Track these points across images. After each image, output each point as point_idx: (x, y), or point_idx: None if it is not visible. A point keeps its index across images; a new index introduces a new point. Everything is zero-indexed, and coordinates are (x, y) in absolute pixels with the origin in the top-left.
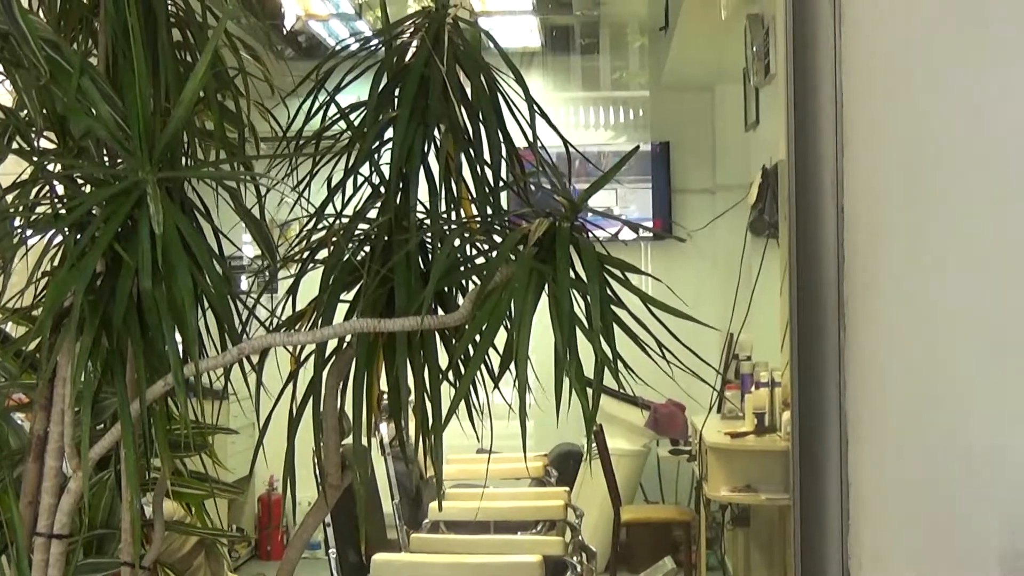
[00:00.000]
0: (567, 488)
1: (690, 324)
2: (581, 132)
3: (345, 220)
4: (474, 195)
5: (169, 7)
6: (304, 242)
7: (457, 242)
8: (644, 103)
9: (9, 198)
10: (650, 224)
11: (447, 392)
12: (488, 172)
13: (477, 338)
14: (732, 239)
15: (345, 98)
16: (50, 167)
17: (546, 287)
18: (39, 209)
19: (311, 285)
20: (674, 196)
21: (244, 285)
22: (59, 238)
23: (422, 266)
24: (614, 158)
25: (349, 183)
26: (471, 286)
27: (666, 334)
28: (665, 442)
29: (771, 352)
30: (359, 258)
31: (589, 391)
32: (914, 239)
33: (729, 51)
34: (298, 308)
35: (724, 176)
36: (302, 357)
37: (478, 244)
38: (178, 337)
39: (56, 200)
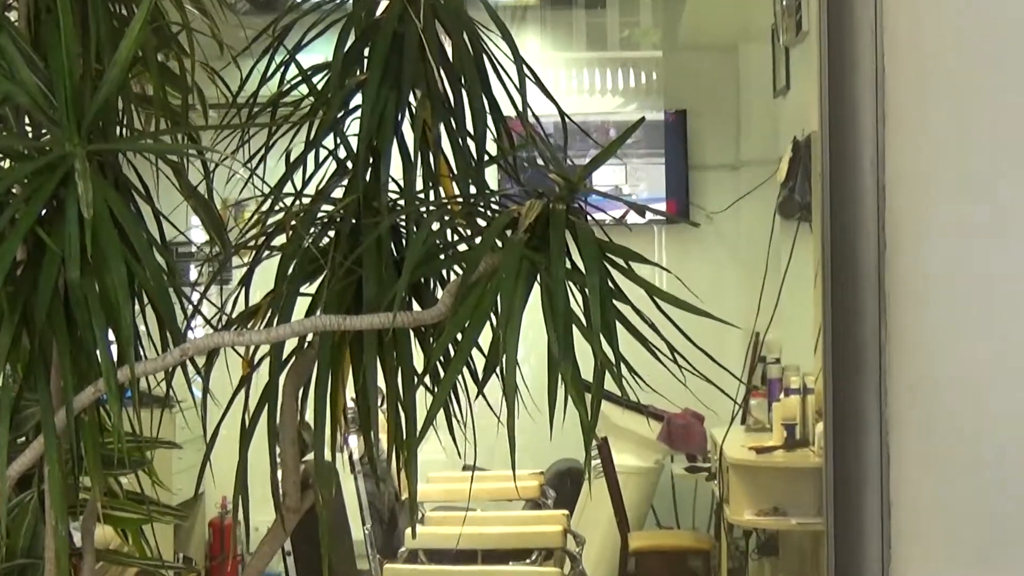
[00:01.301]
0: (566, 511)
1: (708, 322)
2: (584, 99)
3: (306, 200)
4: (455, 172)
5: None
6: (259, 226)
7: (435, 226)
8: (657, 65)
9: None
10: (663, 206)
11: (424, 400)
12: (472, 145)
13: (458, 337)
14: (758, 223)
15: (307, 58)
16: None
17: (538, 278)
18: None
19: (267, 276)
20: (691, 173)
21: (193, 275)
22: None
23: (395, 254)
24: (622, 129)
25: (311, 157)
26: (452, 277)
27: (679, 334)
28: (680, 458)
29: (803, 354)
30: (322, 245)
31: (588, 398)
32: (967, 223)
33: (755, 6)
34: (252, 302)
35: (749, 150)
36: (256, 359)
37: (460, 229)
38: (111, 336)
39: None
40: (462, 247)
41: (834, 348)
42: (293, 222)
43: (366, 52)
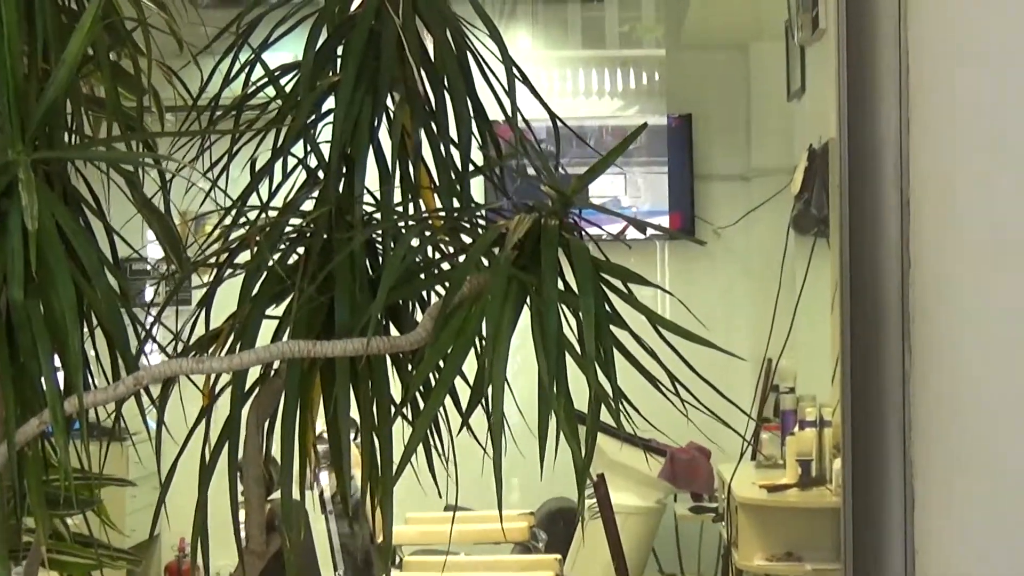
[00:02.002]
0: (558, 556)
1: (712, 350)
2: (579, 102)
3: (272, 214)
4: (437, 183)
5: None
6: (220, 242)
7: (415, 242)
8: (660, 65)
9: None
10: (665, 220)
11: (402, 433)
12: (455, 153)
13: (440, 364)
14: (771, 238)
15: (274, 57)
16: None
17: (528, 301)
18: None
19: (228, 297)
20: (697, 184)
21: (148, 295)
22: None
23: (370, 273)
24: (621, 136)
25: (278, 167)
26: (433, 299)
27: (682, 362)
28: (684, 497)
29: (820, 383)
30: (290, 263)
31: (582, 431)
32: (998, 239)
33: (768, 0)
34: (212, 326)
35: (761, 158)
36: (216, 389)
37: (441, 245)
38: (58, 363)
39: None
40: (444, 266)
41: (853, 377)
42: (258, 238)
43: (339, 51)
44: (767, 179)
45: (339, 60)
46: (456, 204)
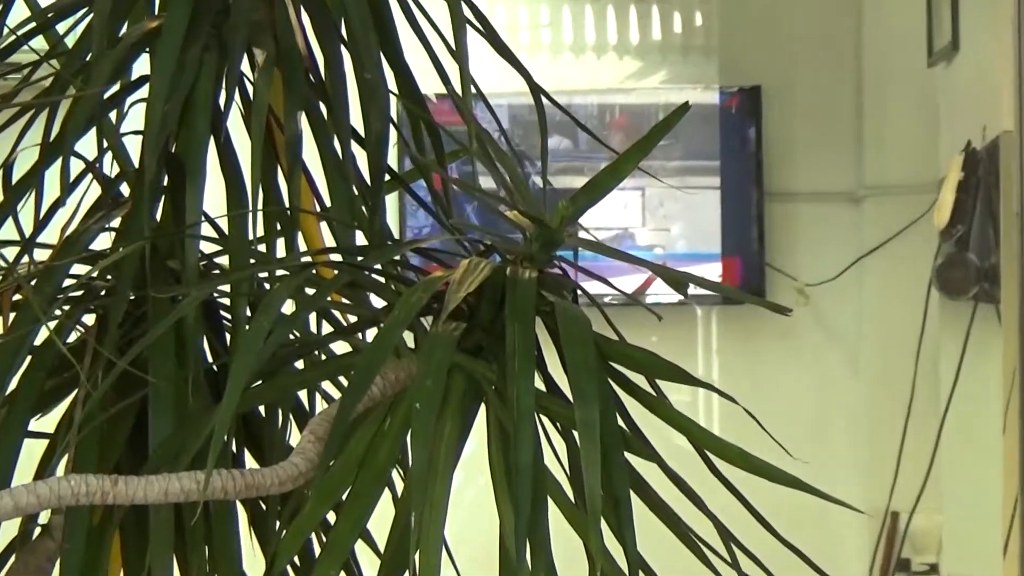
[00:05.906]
0: None
1: (797, 492)
2: (565, 63)
3: (44, 255)
4: (328, 203)
5: None
6: None
7: (289, 307)
8: (706, 2)
9: None
10: (717, 269)
11: None
12: (360, 153)
13: (330, 518)
14: (897, 303)
15: None
16: None
17: (484, 409)
18: None
19: None
20: (770, 208)
21: None
22: None
23: (210, 360)
24: (638, 123)
25: (53, 173)
26: (319, 405)
27: (747, 513)
28: None
29: (982, 556)
30: (72, 339)
31: None
32: None
33: None
34: None
35: (881, 166)
36: None
37: (336, 312)
38: None
39: None
40: (340, 348)
41: None
42: (17, 295)
43: None
44: (891, 201)
45: None
46: (360, 241)
